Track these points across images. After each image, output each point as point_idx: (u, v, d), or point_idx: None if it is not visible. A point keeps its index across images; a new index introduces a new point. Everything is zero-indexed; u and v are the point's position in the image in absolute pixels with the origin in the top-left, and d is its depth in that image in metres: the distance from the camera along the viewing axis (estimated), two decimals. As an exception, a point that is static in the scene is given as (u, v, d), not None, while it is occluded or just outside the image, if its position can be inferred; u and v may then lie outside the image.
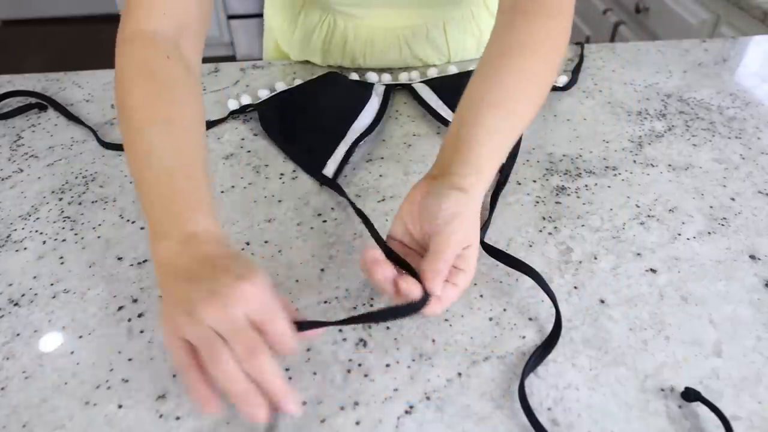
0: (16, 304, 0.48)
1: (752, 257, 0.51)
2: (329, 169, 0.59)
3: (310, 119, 0.66)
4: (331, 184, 0.57)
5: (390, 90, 0.70)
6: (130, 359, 0.44)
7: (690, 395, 0.40)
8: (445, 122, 0.65)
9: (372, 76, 0.72)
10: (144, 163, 0.43)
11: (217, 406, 0.36)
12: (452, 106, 0.64)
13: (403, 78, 0.73)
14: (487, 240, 0.52)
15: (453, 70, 0.74)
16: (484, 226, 0.52)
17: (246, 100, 0.69)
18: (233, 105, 0.69)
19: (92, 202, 0.58)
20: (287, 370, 0.43)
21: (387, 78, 0.72)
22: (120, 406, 0.41)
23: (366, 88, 0.69)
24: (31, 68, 0.79)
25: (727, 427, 0.38)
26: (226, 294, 0.35)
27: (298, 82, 0.72)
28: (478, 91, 0.48)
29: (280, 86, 0.71)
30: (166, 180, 0.42)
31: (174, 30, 0.49)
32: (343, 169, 0.60)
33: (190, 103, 0.47)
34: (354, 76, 0.73)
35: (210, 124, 0.67)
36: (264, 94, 0.70)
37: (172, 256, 0.39)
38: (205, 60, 0.57)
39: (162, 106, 0.45)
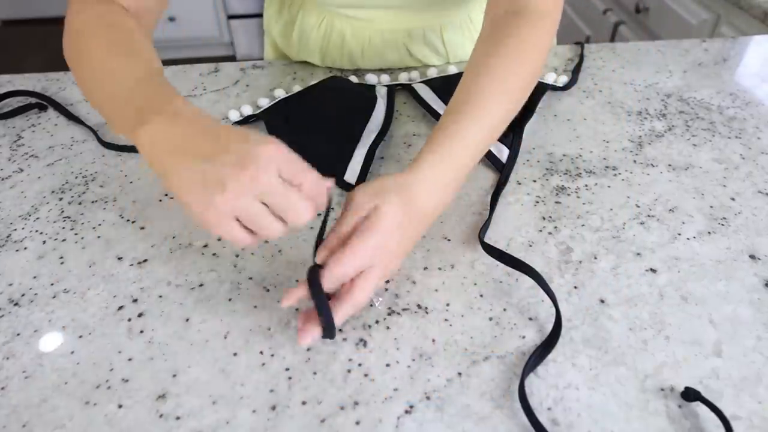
0: (16, 304, 0.48)
1: (752, 257, 0.51)
2: (350, 176, 0.58)
3: (320, 125, 0.65)
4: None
5: (392, 90, 0.70)
6: (130, 359, 0.44)
7: (690, 395, 0.40)
8: None
9: (371, 78, 0.72)
10: (105, 81, 0.44)
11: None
12: None
13: (403, 78, 0.72)
14: (487, 240, 0.52)
15: (453, 70, 0.74)
16: (485, 226, 0.52)
17: (247, 110, 0.68)
18: (234, 116, 0.67)
19: (92, 201, 0.58)
20: (287, 369, 0.43)
21: (386, 79, 0.72)
22: (120, 406, 0.41)
23: (369, 91, 0.69)
24: (31, 68, 0.79)
25: (727, 427, 0.38)
26: (256, 161, 0.36)
27: (297, 87, 0.71)
28: (455, 97, 0.50)
29: (280, 93, 0.70)
30: (132, 86, 0.43)
31: (129, 3, 0.52)
32: (366, 175, 0.58)
33: (149, 48, 0.48)
34: (353, 79, 0.72)
35: None
36: (264, 102, 0.69)
37: (165, 135, 0.38)
38: (205, 60, 0.57)
39: (122, 48, 0.47)
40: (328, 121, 0.65)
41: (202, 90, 0.73)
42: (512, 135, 0.62)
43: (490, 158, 0.60)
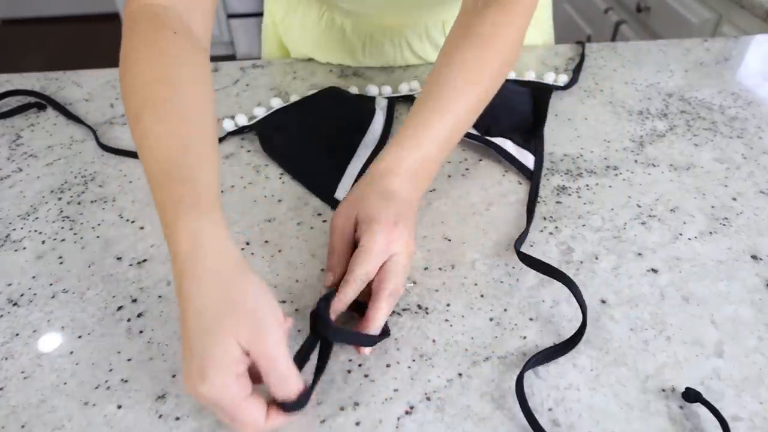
0: (15, 304, 0.48)
1: (754, 257, 0.51)
2: (341, 193, 0.57)
3: (315, 138, 0.63)
4: None
5: (393, 102, 0.68)
6: (129, 359, 0.44)
7: (690, 396, 0.40)
8: None
9: (372, 89, 0.70)
10: (143, 152, 0.41)
11: None
12: None
13: (403, 89, 0.70)
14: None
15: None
16: (522, 236, 0.51)
17: (242, 120, 0.66)
18: (229, 125, 0.65)
19: (91, 201, 0.58)
20: (287, 370, 0.43)
21: (388, 90, 0.70)
22: (119, 407, 0.41)
23: (369, 103, 0.67)
24: (30, 67, 0.79)
25: (726, 429, 0.38)
26: (202, 389, 0.34)
27: (294, 97, 0.69)
28: (425, 88, 0.51)
29: (276, 102, 0.68)
30: (161, 174, 0.40)
31: (183, 6, 0.48)
32: None
33: (198, 82, 0.45)
34: (354, 90, 0.70)
35: None
36: (259, 112, 0.67)
37: (179, 284, 0.37)
38: (205, 59, 0.57)
39: (163, 86, 0.43)
40: (323, 134, 0.63)
41: (202, 89, 0.73)
42: (533, 141, 0.62)
43: (517, 166, 0.59)
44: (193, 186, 0.39)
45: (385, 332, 0.44)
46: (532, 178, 0.58)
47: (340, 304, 0.42)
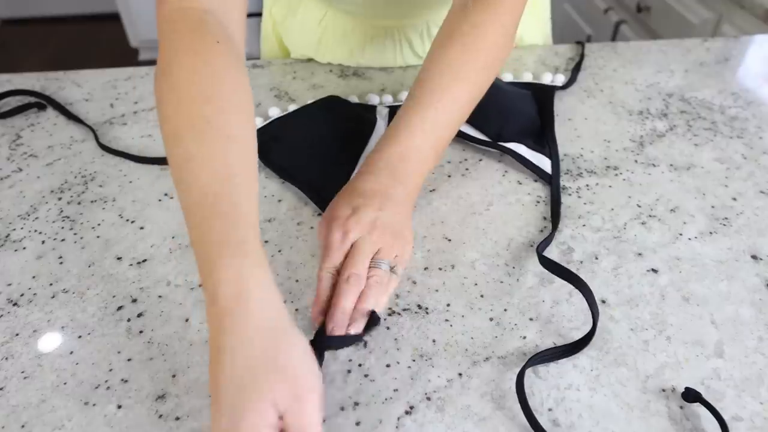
0: (15, 304, 0.48)
1: (754, 257, 0.51)
2: None
3: (315, 148, 0.61)
4: None
5: (395, 112, 0.65)
6: (129, 359, 0.44)
7: (690, 396, 0.40)
8: (462, 135, 0.61)
9: (373, 98, 0.69)
10: (182, 176, 0.38)
11: None
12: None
13: (404, 97, 0.69)
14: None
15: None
16: (546, 241, 0.50)
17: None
18: None
19: (91, 201, 0.58)
20: (287, 370, 0.43)
21: (388, 99, 0.69)
22: (119, 407, 0.41)
23: (369, 112, 0.66)
24: (30, 67, 0.79)
25: (724, 429, 0.38)
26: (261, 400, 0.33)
27: (292, 106, 0.67)
28: (415, 83, 0.53)
29: (274, 112, 0.66)
30: (202, 205, 0.37)
31: (221, 8, 0.45)
32: None
33: (242, 101, 0.42)
34: (354, 99, 0.69)
35: None
36: (258, 121, 0.64)
37: (215, 330, 0.35)
38: (205, 59, 0.56)
39: (208, 104, 0.40)
40: (324, 145, 0.61)
41: (202, 89, 0.73)
42: (546, 143, 0.61)
43: (533, 170, 0.58)
44: (236, 222, 0.37)
45: (375, 321, 0.44)
46: (552, 181, 0.57)
47: (317, 300, 0.45)
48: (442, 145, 0.52)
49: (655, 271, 0.49)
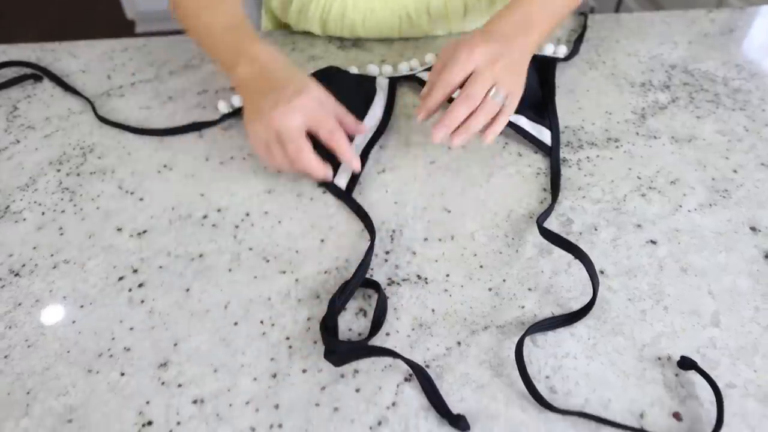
0: (16, 275, 0.48)
1: (753, 229, 0.51)
2: (341, 179, 0.54)
3: None
4: (346, 198, 0.53)
5: (395, 83, 0.66)
6: (131, 328, 0.44)
7: (685, 364, 0.40)
8: None
9: (373, 69, 0.68)
10: (203, 33, 0.60)
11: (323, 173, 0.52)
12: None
13: (403, 69, 0.68)
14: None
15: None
16: (546, 212, 0.51)
17: (237, 101, 0.64)
18: (224, 107, 0.63)
19: (90, 173, 0.57)
20: (287, 339, 0.43)
21: (388, 70, 0.68)
22: (122, 374, 0.41)
23: (369, 83, 0.65)
24: (26, 38, 0.78)
25: (718, 396, 0.38)
26: (285, 106, 0.49)
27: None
28: None
29: None
30: (220, 29, 0.58)
31: None
32: (357, 181, 0.55)
33: None
34: (353, 70, 0.69)
35: (200, 125, 0.62)
36: None
37: (244, 76, 0.53)
38: (203, 28, 0.56)
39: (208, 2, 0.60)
40: None
41: (200, 60, 0.72)
42: (547, 115, 0.61)
43: (533, 142, 0.58)
44: (249, 34, 0.57)
45: (382, 304, 0.44)
46: (552, 153, 0.57)
47: (423, 105, 0.53)
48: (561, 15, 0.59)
49: (653, 242, 0.50)
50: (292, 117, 0.49)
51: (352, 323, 0.44)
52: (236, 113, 0.63)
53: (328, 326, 0.42)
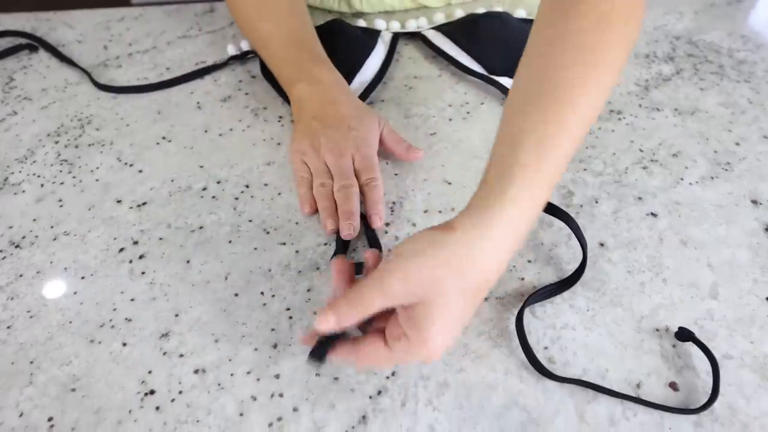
0: (17, 246, 0.48)
1: (754, 202, 0.51)
2: None
3: None
4: None
5: (397, 38, 0.66)
6: (132, 299, 0.44)
7: (683, 335, 0.41)
8: (467, 70, 0.61)
9: (380, 23, 0.68)
10: (261, 44, 0.59)
11: (308, 210, 0.49)
12: (469, 51, 0.63)
13: (410, 26, 0.68)
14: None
15: (459, 13, 0.71)
16: None
17: (246, 45, 0.66)
18: (232, 50, 0.66)
19: (89, 145, 0.57)
20: (288, 309, 0.43)
21: (396, 26, 0.68)
22: (124, 344, 0.42)
23: (371, 36, 0.65)
24: (19, 7, 0.76)
25: (714, 367, 0.39)
26: (342, 146, 0.49)
27: None
28: (522, 86, 0.39)
29: None
30: (283, 43, 0.57)
31: None
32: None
33: (294, 5, 0.59)
34: (361, 23, 0.69)
35: (208, 69, 0.64)
36: None
37: (304, 95, 0.53)
38: (200, -1, 0.55)
39: (270, 12, 0.58)
40: None
41: (198, 31, 0.71)
42: None
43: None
44: (315, 53, 0.57)
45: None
46: None
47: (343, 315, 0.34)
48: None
49: (654, 215, 0.49)
50: (341, 160, 0.49)
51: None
52: (242, 57, 0.66)
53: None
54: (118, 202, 0.51)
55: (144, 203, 0.51)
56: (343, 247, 0.46)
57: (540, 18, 0.41)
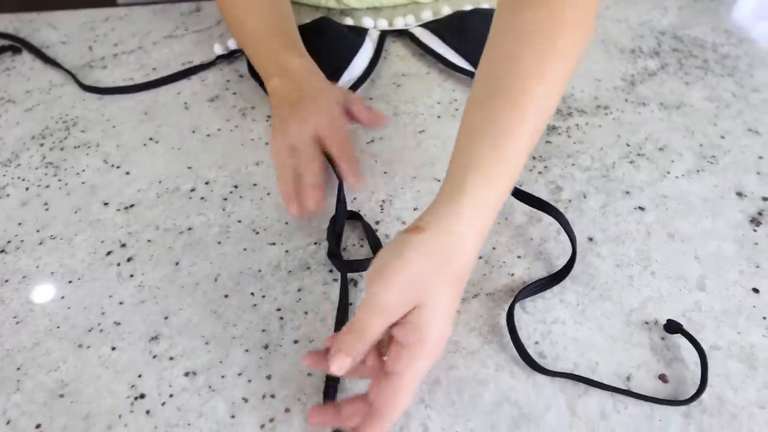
0: (2, 251, 0.48)
1: (739, 194, 0.51)
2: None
3: None
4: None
5: (385, 36, 0.66)
6: (121, 303, 0.44)
7: (671, 327, 0.41)
8: (454, 67, 0.62)
9: (367, 22, 0.68)
10: (243, 33, 0.58)
11: (294, 207, 0.47)
12: (456, 48, 0.63)
13: (398, 23, 0.69)
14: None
15: (446, 10, 0.71)
16: None
17: (233, 44, 0.66)
18: (219, 50, 0.65)
19: (75, 147, 0.56)
20: (278, 310, 0.43)
21: (383, 24, 0.68)
22: (113, 348, 0.41)
23: (359, 34, 0.65)
24: (1, 8, 0.75)
25: (702, 358, 0.39)
26: (304, 116, 0.49)
27: None
28: (481, 84, 0.39)
29: None
30: (262, 39, 0.56)
31: None
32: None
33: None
34: (348, 21, 0.69)
35: (195, 69, 0.64)
36: None
37: (276, 88, 0.53)
38: (185, -3, 0.55)
39: (253, 7, 0.58)
40: None
41: (184, 30, 0.70)
42: None
43: None
44: (286, 40, 0.57)
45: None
46: None
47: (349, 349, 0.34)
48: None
49: (641, 209, 0.50)
50: (305, 128, 0.49)
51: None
52: (230, 56, 0.65)
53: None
54: (105, 204, 0.51)
55: (131, 205, 0.51)
56: (336, 243, 0.46)
57: (498, 9, 0.41)
